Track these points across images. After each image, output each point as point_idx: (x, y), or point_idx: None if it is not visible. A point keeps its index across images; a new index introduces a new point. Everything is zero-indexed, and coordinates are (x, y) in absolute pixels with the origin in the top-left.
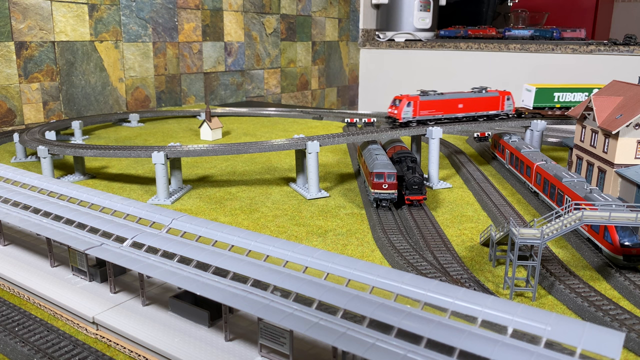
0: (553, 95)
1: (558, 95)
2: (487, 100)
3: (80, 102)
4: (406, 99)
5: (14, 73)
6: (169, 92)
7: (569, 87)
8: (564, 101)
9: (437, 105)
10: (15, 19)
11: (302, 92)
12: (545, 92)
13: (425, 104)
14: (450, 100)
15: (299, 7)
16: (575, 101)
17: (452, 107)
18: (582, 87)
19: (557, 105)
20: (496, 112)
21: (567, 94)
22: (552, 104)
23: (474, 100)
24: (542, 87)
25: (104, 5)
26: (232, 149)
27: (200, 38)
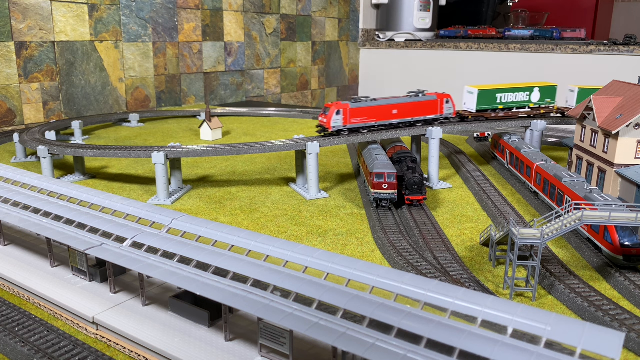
0: (495, 96)
1: (500, 97)
2: (424, 105)
3: (80, 102)
4: (335, 107)
5: (14, 73)
6: (169, 92)
7: (510, 87)
8: (507, 102)
9: (370, 112)
10: (15, 19)
11: (302, 92)
12: (487, 94)
13: (356, 111)
14: (384, 107)
15: (299, 7)
16: (517, 101)
17: (385, 114)
18: (523, 86)
19: (500, 107)
20: (435, 116)
21: (509, 94)
22: (495, 106)
23: (410, 105)
24: (485, 89)
25: (104, 5)
26: (232, 149)
27: (200, 38)
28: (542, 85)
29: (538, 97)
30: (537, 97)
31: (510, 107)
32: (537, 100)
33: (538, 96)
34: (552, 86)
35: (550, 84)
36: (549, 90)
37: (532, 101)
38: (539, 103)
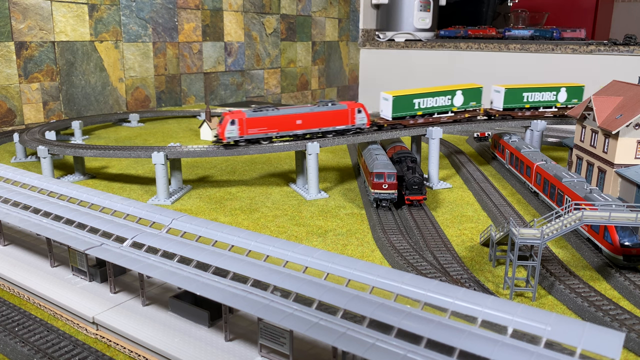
0: (413, 102)
1: (418, 102)
2: (333, 115)
3: (80, 102)
4: (230, 117)
5: (14, 73)
6: (169, 92)
7: (430, 91)
8: (426, 107)
9: (270, 122)
10: (15, 19)
11: (302, 92)
12: (403, 100)
13: (253, 121)
14: (286, 116)
15: (299, 7)
16: (438, 106)
17: (288, 124)
18: (444, 90)
19: (419, 112)
20: (345, 126)
21: (428, 99)
22: (414, 112)
23: (316, 115)
24: (400, 95)
25: (104, 5)
26: (232, 149)
27: (200, 38)
28: (466, 88)
29: (461, 100)
30: (461, 100)
31: (431, 113)
32: (460, 104)
33: (461, 99)
34: (477, 88)
35: (476, 85)
36: (473, 92)
37: (455, 105)
38: (464, 106)
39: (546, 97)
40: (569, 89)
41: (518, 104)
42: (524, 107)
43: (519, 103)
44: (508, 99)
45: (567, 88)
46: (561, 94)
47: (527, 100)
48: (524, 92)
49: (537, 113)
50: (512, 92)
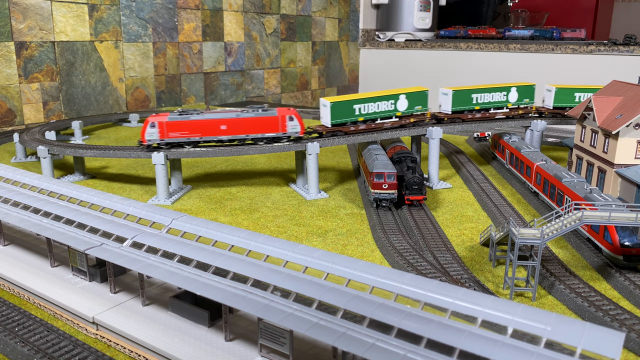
0: (353, 108)
1: (359, 108)
2: (261, 121)
3: (80, 102)
4: (151, 119)
5: (14, 73)
6: (169, 92)
7: (370, 96)
8: (368, 113)
9: (191, 127)
10: (15, 19)
11: (302, 92)
12: (342, 106)
13: (174, 124)
14: (209, 121)
15: (299, 7)
16: (380, 111)
17: (212, 129)
18: (387, 94)
19: (360, 119)
20: (275, 134)
21: (369, 104)
22: (354, 118)
23: (243, 121)
24: (338, 101)
25: (104, 5)
26: (232, 149)
27: (200, 38)
28: (410, 92)
29: (406, 104)
30: (405, 105)
31: (373, 119)
32: (405, 109)
33: (406, 104)
34: (423, 91)
35: (422, 88)
36: (418, 96)
37: (398, 110)
38: (409, 111)
39: (496, 98)
40: (520, 88)
41: (467, 106)
42: (473, 109)
43: (468, 105)
44: (456, 102)
45: (518, 87)
46: (512, 94)
47: (476, 102)
48: (473, 93)
49: (488, 115)
50: (460, 94)
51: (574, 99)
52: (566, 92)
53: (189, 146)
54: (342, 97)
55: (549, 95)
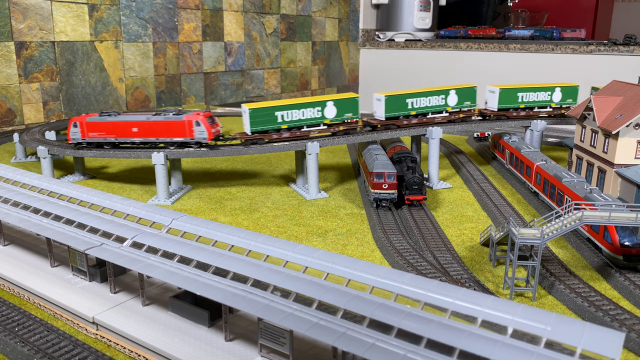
0: (275, 115)
1: (282, 115)
2: (169, 125)
3: (80, 102)
4: (74, 120)
5: (14, 73)
6: (169, 92)
7: (295, 103)
8: (292, 120)
9: (108, 128)
10: (15, 19)
11: (302, 92)
12: (262, 113)
13: (93, 125)
14: (122, 123)
15: (299, 7)
16: (305, 119)
17: (125, 131)
18: (314, 101)
19: (284, 126)
20: (183, 139)
21: (293, 111)
22: (277, 126)
23: (152, 125)
24: (257, 107)
25: (104, 5)
26: (232, 149)
27: (200, 38)
28: (340, 98)
29: (334, 112)
30: (334, 112)
31: (299, 126)
32: (333, 116)
33: (334, 111)
34: (353, 98)
35: (353, 95)
36: (348, 103)
37: (327, 117)
38: (337, 118)
39: (433, 102)
40: (460, 90)
41: (402, 111)
42: (409, 114)
43: (402, 111)
44: (390, 107)
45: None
46: (451, 97)
47: (412, 107)
48: (408, 98)
49: (425, 120)
50: (393, 99)
51: (517, 100)
52: (510, 92)
53: (107, 147)
54: (263, 104)
55: (493, 96)
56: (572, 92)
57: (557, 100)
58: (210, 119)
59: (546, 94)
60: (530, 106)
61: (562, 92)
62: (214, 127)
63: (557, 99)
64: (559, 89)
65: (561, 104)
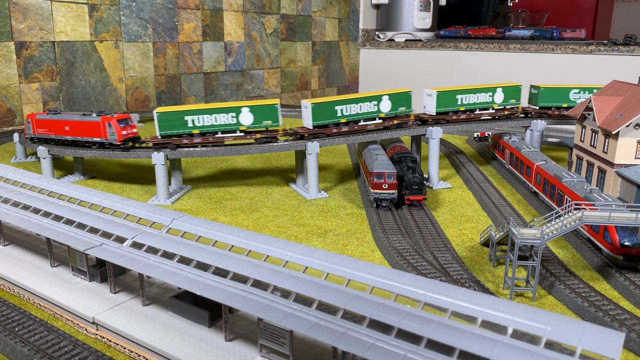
0: (185, 120)
1: (192, 120)
2: (88, 126)
3: (80, 102)
4: (28, 116)
5: (14, 73)
6: (169, 92)
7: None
8: (202, 125)
9: (50, 125)
10: (15, 19)
11: (302, 92)
12: (172, 116)
13: (39, 122)
14: (58, 122)
15: (299, 7)
16: (220, 124)
17: (61, 129)
18: (227, 106)
19: (194, 131)
20: (100, 139)
21: (206, 116)
22: (186, 129)
23: (78, 124)
24: (168, 111)
25: (104, 5)
26: (232, 149)
27: (200, 38)
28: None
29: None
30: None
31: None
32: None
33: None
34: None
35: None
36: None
37: (243, 124)
38: (254, 126)
39: (365, 109)
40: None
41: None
42: (339, 122)
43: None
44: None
45: (391, 95)
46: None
47: (342, 115)
48: (337, 105)
49: (357, 127)
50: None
51: (457, 102)
52: (448, 95)
53: (52, 142)
54: (174, 108)
55: (430, 100)
56: (514, 92)
57: (500, 101)
58: (124, 122)
59: (487, 95)
60: (471, 108)
61: (504, 92)
62: (127, 129)
63: (499, 100)
64: (500, 89)
65: (504, 105)
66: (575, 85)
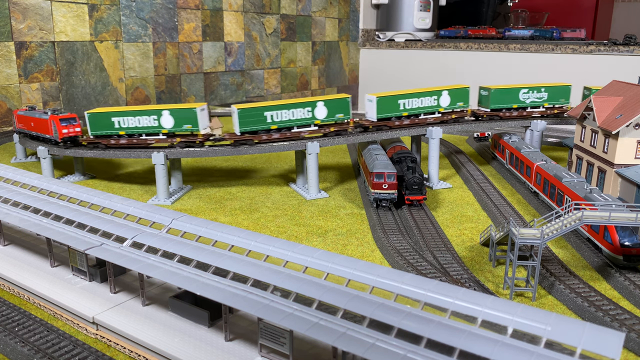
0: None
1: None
2: (42, 123)
3: (80, 102)
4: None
5: (14, 73)
6: (169, 92)
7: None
8: (126, 127)
9: (23, 121)
10: (15, 19)
11: (302, 92)
12: (101, 118)
13: (19, 117)
14: (28, 118)
15: (299, 7)
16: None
17: (29, 125)
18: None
19: (121, 132)
20: (50, 137)
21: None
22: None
23: (37, 121)
24: (97, 113)
25: (104, 5)
26: (232, 149)
27: (200, 38)
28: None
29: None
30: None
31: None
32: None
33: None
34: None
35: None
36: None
37: (164, 127)
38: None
39: (298, 115)
40: (329, 102)
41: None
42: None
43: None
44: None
45: (326, 102)
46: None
47: (272, 121)
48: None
49: (290, 134)
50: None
51: (399, 107)
52: (389, 100)
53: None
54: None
55: (371, 106)
56: (462, 95)
57: (446, 105)
58: (67, 121)
59: (432, 99)
60: (415, 113)
61: (450, 95)
62: (69, 128)
63: (445, 104)
64: (446, 92)
65: (452, 108)
66: (524, 85)
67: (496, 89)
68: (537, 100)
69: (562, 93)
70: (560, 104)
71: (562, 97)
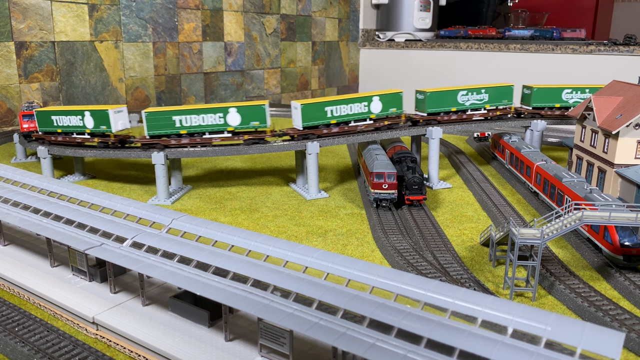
0: (51, 119)
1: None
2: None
3: (80, 102)
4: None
5: (14, 73)
6: (169, 92)
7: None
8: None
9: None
10: (15, 19)
11: (302, 92)
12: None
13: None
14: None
15: (299, 7)
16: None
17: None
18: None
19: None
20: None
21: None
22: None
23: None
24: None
25: (104, 5)
26: (232, 149)
27: (200, 38)
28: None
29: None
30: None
31: (347, 121)
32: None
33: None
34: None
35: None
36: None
37: (373, 112)
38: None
39: (211, 120)
40: (241, 109)
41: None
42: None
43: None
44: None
45: (239, 108)
46: (230, 115)
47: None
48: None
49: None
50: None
51: (326, 115)
52: (314, 108)
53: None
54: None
55: (296, 113)
56: (394, 100)
57: (377, 111)
58: (29, 117)
59: (362, 105)
60: (345, 121)
61: (382, 101)
62: (29, 124)
63: (376, 110)
64: (377, 98)
65: (386, 114)
66: (463, 87)
67: (432, 92)
68: (478, 103)
69: (504, 94)
70: (503, 105)
71: (504, 98)
